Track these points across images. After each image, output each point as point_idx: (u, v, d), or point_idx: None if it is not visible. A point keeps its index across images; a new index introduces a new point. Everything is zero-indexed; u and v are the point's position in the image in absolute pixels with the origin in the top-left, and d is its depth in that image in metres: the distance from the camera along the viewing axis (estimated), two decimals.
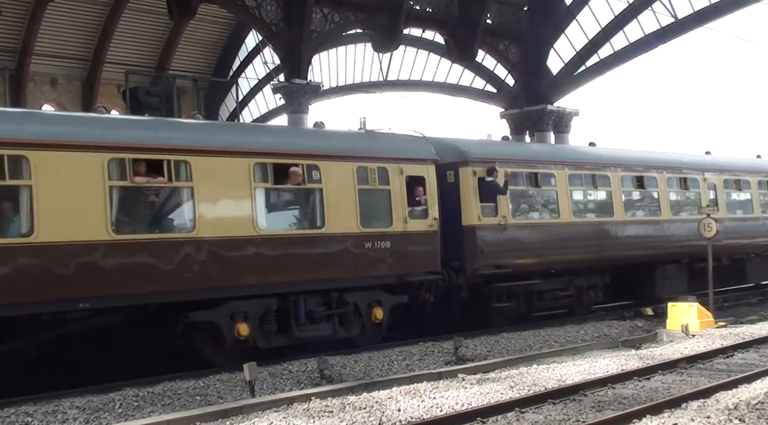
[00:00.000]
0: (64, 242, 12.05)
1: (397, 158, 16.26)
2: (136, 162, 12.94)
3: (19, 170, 11.86)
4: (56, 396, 11.96)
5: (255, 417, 10.59)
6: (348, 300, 15.42)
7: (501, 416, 10.25)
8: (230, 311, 13.86)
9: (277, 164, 14.47)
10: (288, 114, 30.78)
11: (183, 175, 13.41)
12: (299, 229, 15.11)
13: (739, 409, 10.02)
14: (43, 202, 11.88)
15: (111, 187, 12.62)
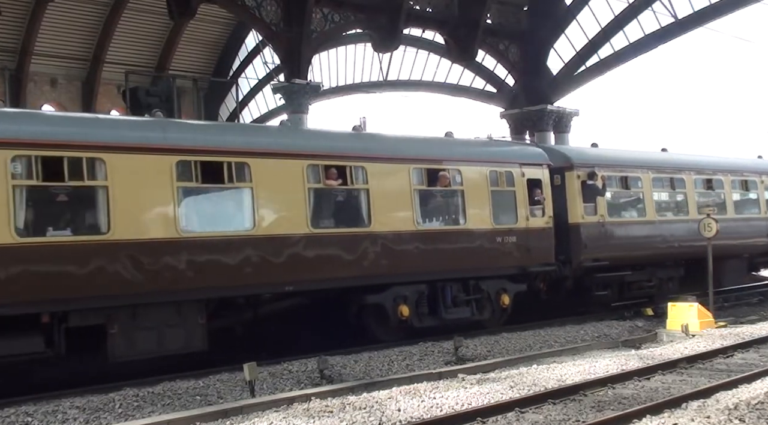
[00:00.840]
0: (276, 235, 14.48)
1: (520, 162, 18.64)
2: (328, 168, 15.33)
3: (242, 175, 14.20)
4: (56, 396, 11.96)
5: (255, 417, 10.59)
6: (483, 288, 17.73)
7: (501, 416, 10.25)
8: (394, 295, 16.19)
9: (429, 169, 17.03)
10: (288, 114, 30.76)
11: (360, 179, 15.86)
12: (446, 225, 17.48)
13: (739, 409, 10.02)
14: (262, 201, 14.34)
15: (309, 189, 14.95)
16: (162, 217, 13.26)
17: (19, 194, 11.97)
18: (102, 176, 12.73)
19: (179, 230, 13.35)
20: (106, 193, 12.71)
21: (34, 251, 12.05)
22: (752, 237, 24.12)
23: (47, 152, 12.26)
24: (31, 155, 12.14)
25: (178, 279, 13.28)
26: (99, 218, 12.79)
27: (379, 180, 15.97)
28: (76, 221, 12.90)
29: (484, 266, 17.56)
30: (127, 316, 12.87)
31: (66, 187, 12.57)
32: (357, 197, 15.91)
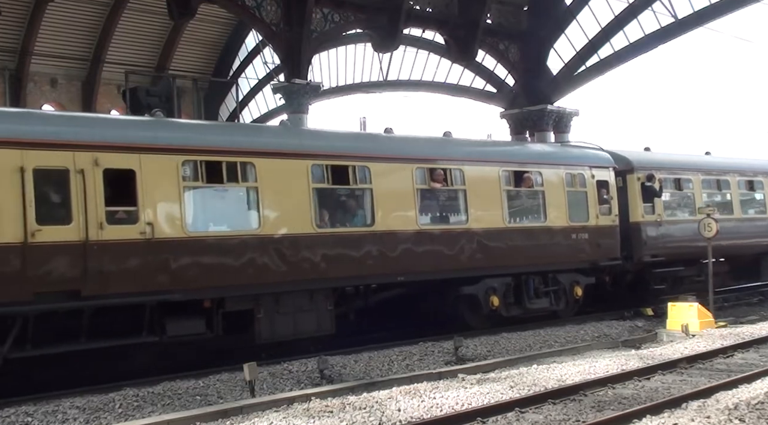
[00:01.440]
0: (392, 231, 16.24)
1: (590, 165, 20.41)
2: (434, 171, 17.09)
3: (364, 177, 16.08)
4: (56, 396, 11.97)
5: (255, 417, 10.59)
6: (560, 280, 19.35)
7: (501, 416, 10.26)
8: (486, 286, 17.83)
9: (516, 171, 18.74)
10: (288, 114, 30.75)
11: (458, 181, 17.54)
12: (530, 223, 19.03)
13: (739, 409, 10.02)
14: (380, 201, 16.05)
15: (417, 189, 16.79)
16: (301, 214, 15.00)
17: (187, 194, 13.74)
18: (253, 179, 14.50)
19: (314, 227, 15.15)
20: (257, 193, 14.48)
21: (201, 244, 13.79)
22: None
23: (210, 157, 14.05)
24: (197, 160, 13.91)
25: (313, 270, 15.09)
26: (250, 215, 14.61)
27: (475, 182, 17.74)
28: (234, 218, 14.78)
29: (560, 260, 19.33)
30: (271, 302, 14.69)
31: (226, 189, 14.51)
32: (456, 197, 17.69)
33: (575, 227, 19.53)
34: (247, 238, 14.39)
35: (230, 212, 14.87)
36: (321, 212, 15.45)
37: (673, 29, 31.91)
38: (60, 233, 12.32)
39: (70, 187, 12.52)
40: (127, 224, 13.05)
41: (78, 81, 40.54)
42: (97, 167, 12.79)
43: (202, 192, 14.15)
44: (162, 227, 13.29)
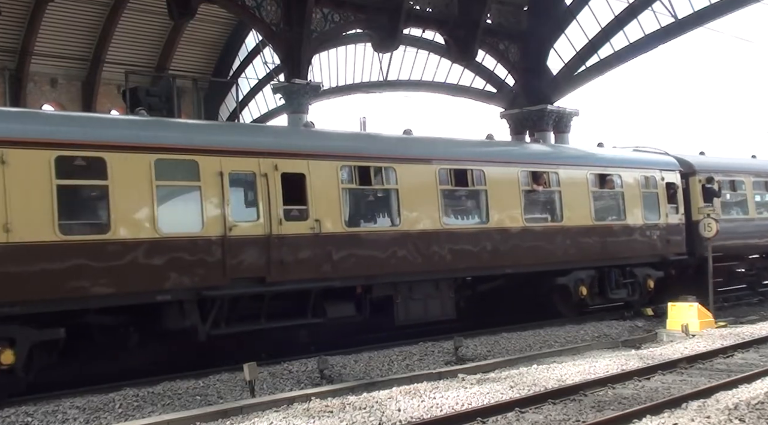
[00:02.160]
0: (503, 228, 18.03)
1: (660, 168, 22.20)
2: (536, 173, 19.00)
3: (480, 179, 17.83)
4: (56, 396, 11.97)
5: (255, 417, 10.58)
6: (636, 273, 21.03)
7: (501, 416, 10.26)
8: (575, 278, 19.57)
9: (600, 174, 20.54)
10: (288, 114, 30.77)
11: (554, 183, 19.40)
12: (612, 220, 20.76)
13: (739, 409, 10.02)
14: (493, 201, 17.91)
15: (522, 190, 18.53)
16: (431, 213, 16.85)
17: (344, 194, 15.66)
18: (394, 181, 16.50)
19: (442, 224, 17.00)
20: (397, 194, 16.48)
21: (355, 239, 15.77)
22: None
23: (364, 163, 16.13)
24: (352, 165, 15.95)
25: (440, 262, 16.94)
26: (393, 213, 16.56)
27: (568, 184, 19.65)
28: (378, 216, 16.82)
29: (636, 255, 21.09)
30: (406, 290, 16.63)
31: (373, 190, 16.61)
32: (553, 198, 19.55)
33: (649, 225, 21.45)
34: (391, 233, 16.41)
35: (378, 210, 16.91)
36: (446, 210, 17.34)
37: (673, 29, 31.94)
38: (249, 229, 14.33)
39: (257, 188, 14.59)
40: (300, 221, 15.05)
41: (78, 81, 40.57)
42: (276, 172, 14.79)
43: (355, 193, 16.23)
44: (326, 223, 15.28)
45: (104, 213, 12.85)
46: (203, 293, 13.70)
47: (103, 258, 12.63)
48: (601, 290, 20.31)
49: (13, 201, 11.85)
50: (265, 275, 14.41)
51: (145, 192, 13.15)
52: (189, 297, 13.64)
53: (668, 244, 21.78)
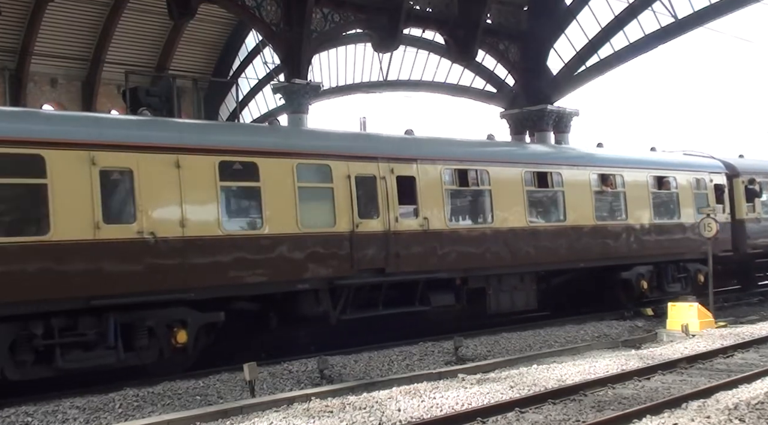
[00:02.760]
0: (577, 226, 19.95)
1: (708, 171, 24.07)
2: (604, 176, 20.90)
3: (558, 182, 19.74)
4: (56, 396, 11.96)
5: (255, 417, 10.59)
6: (688, 268, 22.72)
7: (501, 416, 10.26)
8: (637, 273, 21.19)
9: (658, 176, 22.44)
10: (288, 114, 30.76)
11: (620, 184, 21.19)
12: (668, 219, 22.49)
13: (739, 409, 10.03)
14: (569, 201, 19.74)
15: (594, 191, 20.40)
16: (517, 212, 18.62)
17: (446, 195, 17.47)
18: (487, 183, 18.24)
19: (528, 222, 18.78)
20: (490, 195, 18.19)
21: (456, 235, 17.57)
22: None
23: (462, 166, 17.95)
24: (453, 168, 17.68)
25: (526, 257, 18.75)
26: (486, 212, 18.32)
27: (631, 185, 21.47)
28: (474, 214, 18.75)
29: (689, 251, 22.60)
30: (496, 282, 18.32)
31: (470, 191, 18.36)
32: (619, 198, 21.26)
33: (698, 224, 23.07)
34: (485, 230, 18.17)
35: (474, 209, 18.80)
36: (531, 210, 19.06)
37: (673, 29, 31.93)
38: (372, 225, 16.07)
39: (377, 189, 16.30)
40: (411, 219, 16.80)
41: (78, 81, 40.56)
42: (392, 175, 16.56)
43: (456, 193, 18.07)
44: (433, 221, 16.96)
45: (257, 211, 14.68)
46: (336, 282, 15.55)
47: (257, 251, 14.45)
48: (658, 284, 21.91)
49: (187, 200, 13.55)
50: (384, 266, 16.23)
51: (289, 192, 14.91)
52: (323, 286, 15.47)
53: (716, 241, 22.31)
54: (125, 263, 12.86)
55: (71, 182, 12.48)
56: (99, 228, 12.62)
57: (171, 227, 13.33)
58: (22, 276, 11.93)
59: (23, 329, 12.05)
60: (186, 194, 13.54)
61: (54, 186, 12.28)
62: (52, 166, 12.30)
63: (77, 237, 12.44)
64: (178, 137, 13.97)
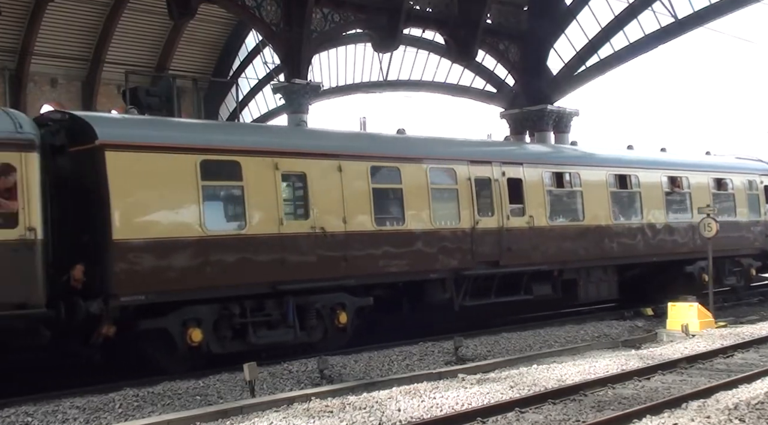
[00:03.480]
0: (652, 223, 21.76)
1: (759, 173, 26.01)
2: (673, 178, 22.70)
3: (637, 182, 21.62)
4: (56, 396, 11.95)
5: (255, 417, 10.58)
6: (742, 263, 24.54)
7: (501, 416, 10.25)
8: (698, 267, 22.60)
9: (718, 178, 24.31)
10: (288, 114, 30.77)
11: (686, 186, 23.06)
12: (727, 218, 23.65)
13: (739, 409, 10.03)
14: (645, 201, 21.65)
15: (665, 192, 22.40)
16: (604, 211, 20.59)
17: (547, 195, 19.46)
18: (579, 184, 20.26)
19: (611, 219, 20.73)
20: (581, 195, 20.27)
21: (555, 231, 19.54)
22: None
23: (558, 169, 20.03)
24: (552, 171, 19.75)
25: (610, 251, 20.58)
26: (578, 211, 20.28)
27: (696, 186, 23.28)
28: (568, 213, 20.37)
29: (743, 247, 24.33)
30: (585, 274, 20.23)
31: (565, 192, 20.39)
32: (685, 198, 23.15)
33: (752, 222, 24.89)
34: (577, 227, 20.11)
35: (568, 208, 20.47)
36: (614, 209, 20.89)
37: (673, 29, 31.95)
38: (488, 222, 18.04)
39: (492, 190, 18.24)
40: (519, 217, 18.73)
41: (78, 81, 40.55)
42: (504, 177, 18.52)
43: (553, 193, 19.97)
44: (537, 218, 19.01)
45: (400, 210, 16.75)
46: (460, 272, 17.49)
47: (400, 244, 16.50)
48: (717, 277, 22.74)
49: (347, 199, 15.60)
50: (498, 259, 18.24)
51: (424, 193, 16.99)
52: (449, 276, 17.41)
53: (766, 238, 25.19)
54: (301, 254, 15.02)
55: (261, 184, 14.58)
56: (282, 224, 14.75)
57: (336, 223, 15.50)
58: (225, 264, 13.94)
59: (224, 309, 13.99)
60: (346, 194, 15.73)
61: (248, 188, 14.40)
62: (246, 171, 14.39)
63: (266, 231, 14.55)
64: (341, 146, 16.43)
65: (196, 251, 13.62)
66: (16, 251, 11.89)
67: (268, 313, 14.54)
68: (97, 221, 12.88)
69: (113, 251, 12.81)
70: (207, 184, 13.91)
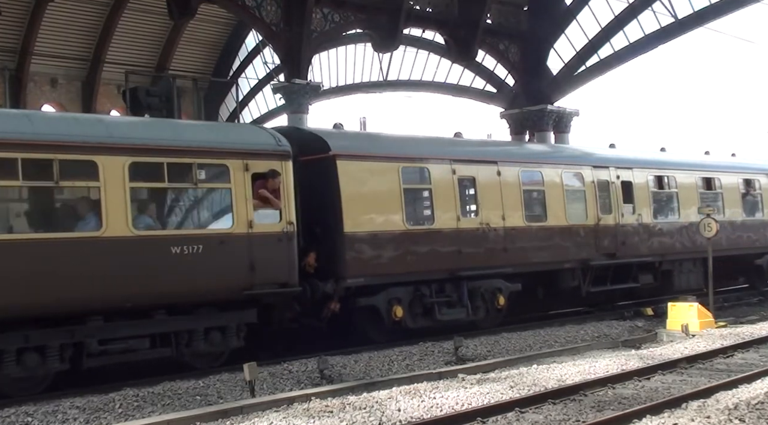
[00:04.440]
0: (732, 221, 23.97)
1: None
2: (748, 180, 25.36)
3: (672, 184, 23.04)
4: (56, 396, 11.95)
5: (255, 417, 10.58)
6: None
7: (501, 416, 10.25)
8: (766, 260, 25.40)
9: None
10: (288, 114, 30.77)
11: (757, 186, 25.45)
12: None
13: (739, 409, 10.03)
14: (726, 200, 24.16)
15: (741, 193, 24.88)
16: (694, 209, 22.24)
17: (651, 196, 22.05)
18: (675, 186, 22.85)
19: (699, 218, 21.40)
20: (677, 196, 22.74)
21: (656, 227, 21.98)
22: None
23: (659, 173, 22.56)
24: (654, 175, 22.40)
25: (699, 245, 21.74)
26: (675, 209, 22.68)
27: (766, 188, 25.72)
28: (666, 211, 22.74)
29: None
30: (678, 265, 22.46)
31: (664, 193, 22.79)
32: (757, 198, 25.33)
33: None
34: (675, 224, 22.53)
35: (668, 206, 22.87)
36: (702, 206, 22.08)
37: (673, 29, 31.94)
38: (607, 219, 20.78)
39: (609, 191, 21.02)
40: (630, 215, 21.30)
41: (78, 81, 40.54)
42: (618, 180, 21.26)
43: (655, 194, 22.34)
44: (644, 216, 21.64)
45: (542, 208, 19.60)
46: (587, 263, 20.10)
47: (542, 239, 19.27)
48: None
49: (505, 199, 18.46)
50: (615, 252, 20.82)
51: (559, 194, 19.80)
52: (578, 266, 19.98)
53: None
54: (472, 246, 17.76)
55: (443, 187, 17.43)
56: (459, 220, 17.56)
57: (496, 220, 18.21)
58: (419, 254, 16.80)
59: (417, 291, 16.87)
60: (504, 195, 18.48)
61: (435, 190, 17.37)
62: (433, 175, 17.36)
63: (448, 227, 17.35)
64: (499, 152, 19.99)
65: (399, 243, 16.57)
66: (280, 241, 14.53)
67: (448, 295, 17.41)
68: (330, 216, 15.75)
69: (345, 241, 15.77)
70: (406, 187, 16.92)
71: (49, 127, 12.82)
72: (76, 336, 12.45)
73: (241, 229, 14.00)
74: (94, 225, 12.57)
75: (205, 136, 14.51)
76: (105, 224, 12.53)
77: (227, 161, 14.04)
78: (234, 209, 13.98)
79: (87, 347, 12.53)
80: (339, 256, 15.69)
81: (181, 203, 14.14)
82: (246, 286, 14.01)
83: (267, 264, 14.26)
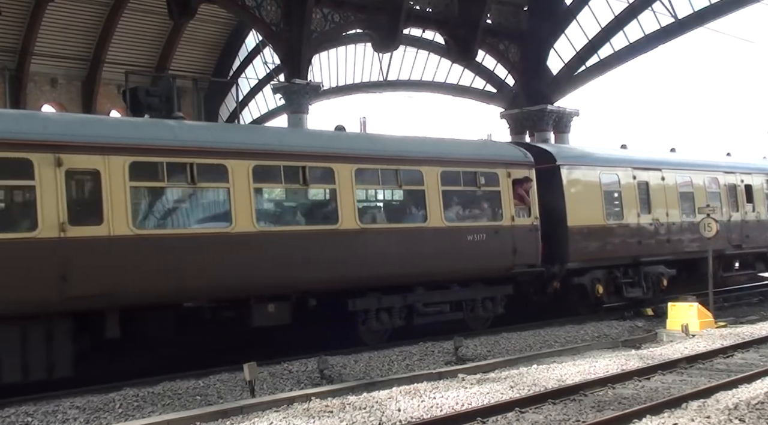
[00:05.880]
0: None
1: None
2: None
3: None
4: (56, 396, 11.96)
5: (255, 417, 10.58)
6: None
7: (501, 416, 10.25)
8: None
9: None
10: (288, 114, 30.76)
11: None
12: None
13: (739, 409, 10.03)
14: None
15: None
16: (759, 207, 25.29)
17: (766, 197, 25.82)
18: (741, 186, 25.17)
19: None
20: (745, 191, 25.19)
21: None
22: None
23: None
24: (765, 179, 25.71)
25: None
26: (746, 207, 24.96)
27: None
28: (740, 209, 24.75)
29: None
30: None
31: None
32: None
33: None
34: (743, 221, 24.74)
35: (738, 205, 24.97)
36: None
37: (673, 29, 31.93)
38: (735, 216, 24.06)
39: (736, 193, 24.51)
40: (752, 212, 24.63)
41: (78, 81, 40.54)
42: (742, 183, 24.78)
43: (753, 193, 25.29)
44: (761, 214, 25.15)
45: (691, 206, 22.62)
46: (722, 252, 23.11)
47: (694, 231, 21.66)
48: None
49: (668, 199, 22.33)
50: (741, 243, 24.11)
51: (702, 194, 23.15)
52: (715, 255, 20.90)
53: None
54: (648, 238, 21.64)
55: (628, 188, 21.20)
56: (639, 217, 21.48)
57: (662, 217, 22.00)
58: (613, 244, 20.83)
59: (610, 273, 20.72)
60: (667, 195, 22.19)
61: (623, 192, 21.05)
62: (621, 179, 21.10)
63: (632, 222, 21.30)
64: (662, 161, 22.89)
65: (600, 234, 20.45)
66: (530, 231, 18.71)
67: (630, 277, 21.15)
68: (556, 213, 19.52)
69: (569, 233, 19.76)
70: (605, 189, 20.73)
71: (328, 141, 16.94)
72: (408, 300, 16.70)
73: (507, 222, 18.30)
74: (421, 218, 17.08)
75: (479, 151, 19.11)
76: (428, 218, 16.93)
77: (497, 170, 18.38)
78: (503, 206, 18.25)
79: (416, 309, 16.82)
80: (565, 245, 19.73)
81: (466, 201, 18.20)
82: (510, 266, 18.32)
83: (523, 249, 18.49)
